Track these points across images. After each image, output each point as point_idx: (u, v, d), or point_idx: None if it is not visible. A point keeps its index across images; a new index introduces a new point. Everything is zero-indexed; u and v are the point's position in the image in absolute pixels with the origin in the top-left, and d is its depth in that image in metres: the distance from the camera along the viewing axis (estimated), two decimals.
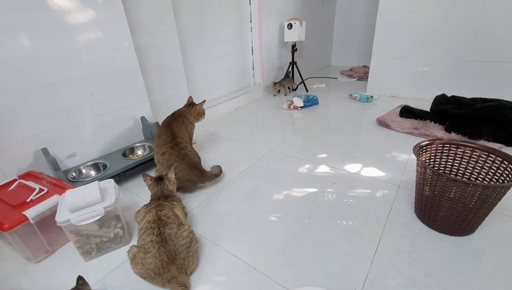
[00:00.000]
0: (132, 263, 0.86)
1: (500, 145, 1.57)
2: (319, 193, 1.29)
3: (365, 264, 0.91)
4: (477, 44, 2.11)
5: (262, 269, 0.92)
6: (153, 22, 1.68)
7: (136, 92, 1.64)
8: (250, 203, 1.25)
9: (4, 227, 0.89)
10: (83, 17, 1.32)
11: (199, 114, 1.59)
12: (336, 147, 1.72)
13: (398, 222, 1.09)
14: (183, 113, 1.52)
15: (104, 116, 1.52)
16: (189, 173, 1.30)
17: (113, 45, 1.46)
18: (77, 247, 0.98)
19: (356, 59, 4.05)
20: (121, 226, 1.04)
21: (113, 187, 1.04)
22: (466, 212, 0.93)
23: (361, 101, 2.54)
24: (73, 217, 0.90)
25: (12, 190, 1.08)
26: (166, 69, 1.84)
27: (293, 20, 2.67)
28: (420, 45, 2.34)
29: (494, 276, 0.85)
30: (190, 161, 1.31)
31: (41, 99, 1.27)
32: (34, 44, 1.20)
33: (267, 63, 2.82)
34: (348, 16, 3.91)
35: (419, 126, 1.87)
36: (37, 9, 1.18)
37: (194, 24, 2.05)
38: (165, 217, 0.92)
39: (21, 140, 1.25)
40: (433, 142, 1.13)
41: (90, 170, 1.43)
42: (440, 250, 0.95)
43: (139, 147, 1.63)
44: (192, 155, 1.35)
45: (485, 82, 2.16)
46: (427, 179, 1.00)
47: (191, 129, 1.51)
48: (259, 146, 1.80)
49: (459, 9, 2.09)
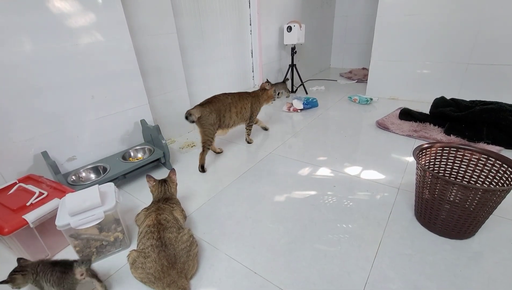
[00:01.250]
0: (132, 268, 0.86)
1: (500, 147, 1.57)
2: (319, 196, 1.29)
3: (366, 268, 0.91)
4: (476, 47, 2.12)
5: (262, 272, 0.92)
6: (153, 25, 1.68)
7: (136, 95, 1.64)
8: (250, 206, 1.25)
9: (4, 231, 0.89)
10: (83, 20, 1.33)
11: (269, 97, 1.89)
12: (335, 149, 1.72)
13: (398, 225, 1.09)
14: (258, 94, 1.83)
15: (104, 119, 1.52)
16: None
17: (113, 48, 1.47)
18: (77, 251, 0.98)
19: (355, 61, 4.06)
20: (121, 229, 1.04)
21: (113, 191, 1.03)
22: (466, 215, 0.94)
23: (360, 104, 2.54)
24: (73, 221, 0.90)
25: (12, 194, 1.08)
26: (166, 72, 1.84)
27: (293, 23, 2.68)
28: (420, 47, 2.35)
29: (494, 279, 0.85)
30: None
31: (41, 102, 1.27)
32: (35, 47, 1.20)
33: (266, 66, 2.83)
34: (347, 19, 3.93)
35: (418, 129, 1.87)
36: (38, 13, 1.19)
37: (194, 27, 2.05)
38: (165, 221, 0.92)
39: (21, 144, 1.25)
40: (433, 145, 1.13)
41: (90, 173, 1.43)
42: (440, 253, 0.95)
43: (139, 150, 1.62)
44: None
45: (484, 84, 2.17)
46: (426, 182, 1.00)
47: (256, 108, 1.83)
48: (259, 149, 1.80)
49: (458, 12, 2.10)
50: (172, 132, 2.02)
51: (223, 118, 1.62)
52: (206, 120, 1.54)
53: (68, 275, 0.80)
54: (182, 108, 2.03)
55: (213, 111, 1.55)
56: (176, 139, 2.03)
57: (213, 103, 1.58)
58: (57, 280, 0.79)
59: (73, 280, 0.80)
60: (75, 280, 0.80)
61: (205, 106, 1.54)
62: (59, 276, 0.79)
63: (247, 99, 1.75)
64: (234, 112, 1.67)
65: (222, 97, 1.64)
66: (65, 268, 0.80)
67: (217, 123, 1.59)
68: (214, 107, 1.57)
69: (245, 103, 1.74)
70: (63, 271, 0.80)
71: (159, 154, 1.54)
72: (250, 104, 1.77)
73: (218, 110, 1.58)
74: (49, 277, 0.79)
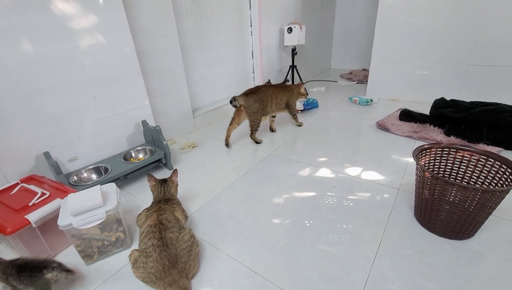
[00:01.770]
0: (134, 267, 0.87)
1: (499, 148, 1.57)
2: (319, 196, 1.29)
3: (366, 268, 0.92)
4: (476, 48, 2.12)
5: (263, 272, 0.92)
6: (154, 26, 1.69)
7: (137, 95, 1.65)
8: (251, 206, 1.26)
9: (6, 231, 0.90)
10: (85, 22, 1.34)
11: (300, 94, 2.07)
12: (336, 150, 1.73)
13: (398, 226, 1.09)
14: (293, 89, 2.02)
15: (105, 120, 1.53)
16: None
17: (115, 49, 1.48)
18: (79, 251, 0.99)
19: (355, 62, 4.07)
20: (123, 229, 1.04)
21: (115, 191, 1.04)
22: (466, 216, 0.94)
23: (360, 105, 2.55)
24: (75, 221, 0.91)
25: (14, 194, 1.09)
26: (167, 72, 1.85)
27: (293, 24, 2.70)
28: (420, 49, 2.35)
29: (493, 279, 0.85)
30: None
31: (43, 103, 1.28)
32: (36, 48, 1.21)
33: (267, 67, 2.84)
34: (347, 20, 3.94)
35: (418, 130, 1.88)
36: (39, 14, 1.20)
37: (195, 28, 2.06)
38: (166, 221, 0.93)
39: (23, 144, 1.26)
40: (433, 146, 1.14)
41: (91, 174, 1.44)
42: (440, 253, 0.96)
43: (140, 150, 1.63)
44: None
45: (484, 85, 2.18)
46: (426, 183, 1.01)
47: (292, 101, 2.02)
48: (260, 149, 1.81)
49: (458, 14, 2.11)
50: (173, 133, 2.03)
51: (265, 107, 1.84)
52: (250, 108, 1.77)
53: (38, 277, 0.81)
54: (183, 109, 2.05)
55: (257, 100, 1.78)
56: (177, 139, 2.04)
57: (257, 93, 1.80)
58: (29, 281, 0.80)
59: (45, 281, 0.82)
60: (47, 280, 0.82)
61: (250, 96, 1.77)
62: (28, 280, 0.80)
63: (283, 93, 1.95)
64: (274, 103, 1.89)
65: (265, 89, 1.85)
66: (32, 273, 0.81)
67: (260, 111, 1.81)
68: (257, 97, 1.79)
69: (283, 96, 1.95)
70: (30, 275, 0.81)
71: (160, 154, 1.55)
72: (286, 97, 1.98)
73: (261, 99, 1.80)
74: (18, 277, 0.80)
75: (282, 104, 1.97)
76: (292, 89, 2.03)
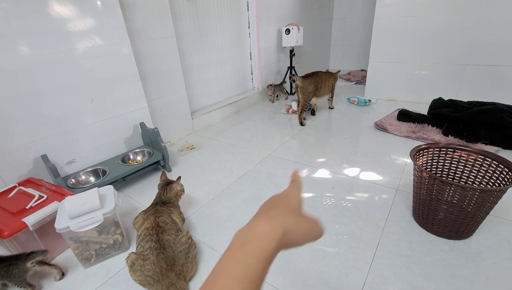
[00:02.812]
0: (131, 270, 0.86)
1: (497, 148, 1.58)
2: (317, 197, 1.29)
3: (364, 268, 0.92)
4: (474, 48, 2.13)
5: None
6: (152, 28, 1.70)
7: (135, 98, 1.65)
8: (249, 208, 1.26)
9: (3, 234, 0.90)
10: (82, 25, 1.34)
11: (335, 79, 2.38)
12: (334, 151, 1.73)
13: (397, 226, 1.09)
14: (336, 76, 2.37)
15: (103, 122, 1.53)
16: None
17: (113, 52, 1.48)
18: (76, 254, 0.98)
19: (354, 63, 4.08)
20: (120, 232, 1.04)
21: (113, 194, 1.04)
22: (464, 216, 0.94)
23: (359, 105, 2.55)
24: (73, 224, 0.90)
25: (11, 197, 1.09)
26: (165, 74, 1.86)
27: (291, 25, 2.70)
28: (417, 49, 2.36)
29: (492, 279, 0.85)
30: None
31: (40, 106, 1.28)
32: (34, 52, 1.21)
33: (265, 68, 2.84)
34: (345, 21, 3.95)
35: (416, 130, 1.88)
36: (38, 18, 1.20)
37: (193, 30, 2.07)
38: (163, 223, 0.93)
39: (21, 147, 1.25)
40: (430, 146, 1.14)
41: (89, 176, 1.43)
42: (438, 253, 0.96)
43: (138, 152, 1.63)
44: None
45: (481, 85, 2.18)
46: (424, 183, 1.01)
47: (334, 86, 2.38)
48: (258, 150, 1.81)
49: (455, 14, 2.12)
50: (171, 134, 2.03)
51: (319, 89, 2.16)
52: (307, 89, 2.08)
53: (15, 267, 0.84)
54: (181, 111, 2.05)
55: (312, 83, 2.09)
56: (175, 141, 2.04)
57: (313, 77, 2.12)
58: (5, 274, 0.83)
59: (24, 268, 0.85)
60: (25, 268, 0.85)
61: (307, 78, 2.09)
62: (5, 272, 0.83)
63: (330, 79, 2.29)
64: (324, 86, 2.21)
65: (320, 74, 2.18)
66: (9, 265, 0.84)
67: (313, 92, 2.12)
68: (313, 80, 2.10)
69: (330, 81, 2.28)
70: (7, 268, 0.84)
71: (158, 156, 1.55)
72: (332, 82, 2.32)
73: (316, 82, 2.11)
74: None
75: (329, 88, 2.29)
76: (336, 76, 2.38)
